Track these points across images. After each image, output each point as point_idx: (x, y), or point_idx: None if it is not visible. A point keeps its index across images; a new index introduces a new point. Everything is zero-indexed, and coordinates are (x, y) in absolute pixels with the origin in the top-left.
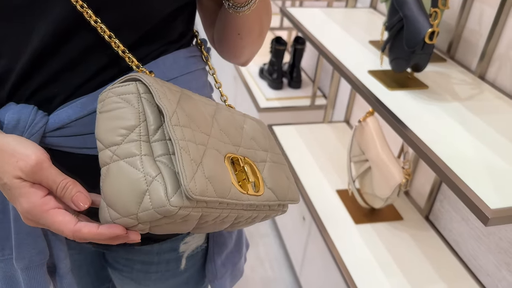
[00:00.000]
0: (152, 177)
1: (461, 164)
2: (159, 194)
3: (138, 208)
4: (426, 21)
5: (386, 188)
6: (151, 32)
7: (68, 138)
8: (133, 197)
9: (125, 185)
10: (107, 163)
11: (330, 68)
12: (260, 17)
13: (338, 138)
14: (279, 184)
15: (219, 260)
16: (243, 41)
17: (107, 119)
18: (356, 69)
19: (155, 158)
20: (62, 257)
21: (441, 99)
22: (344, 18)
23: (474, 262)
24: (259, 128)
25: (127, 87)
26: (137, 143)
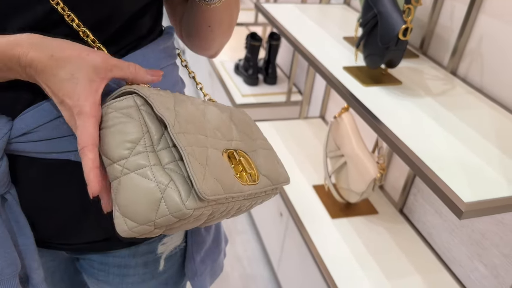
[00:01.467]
0: (165, 185)
1: (435, 158)
2: (175, 200)
3: (156, 215)
4: (400, 18)
5: (361, 183)
6: (120, 29)
7: (35, 143)
8: (150, 205)
9: (140, 196)
10: (117, 176)
11: (305, 64)
12: (231, 9)
13: (314, 134)
14: (272, 169)
15: (198, 257)
16: (214, 33)
17: (111, 134)
18: (331, 65)
19: (163, 166)
20: (35, 267)
21: (415, 94)
22: (318, 14)
23: (447, 254)
24: (244, 118)
25: (125, 101)
26: (144, 155)
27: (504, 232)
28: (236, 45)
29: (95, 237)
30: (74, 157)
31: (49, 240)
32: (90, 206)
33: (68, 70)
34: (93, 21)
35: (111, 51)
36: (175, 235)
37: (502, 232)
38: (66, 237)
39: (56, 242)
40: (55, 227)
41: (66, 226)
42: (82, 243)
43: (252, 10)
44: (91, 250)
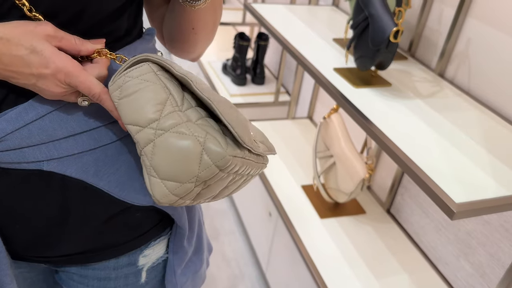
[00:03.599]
0: (203, 137)
1: (425, 159)
2: (216, 149)
3: (199, 168)
4: (391, 20)
5: (350, 183)
6: (93, 29)
7: (4, 153)
8: (192, 160)
9: (181, 153)
10: (151, 140)
11: (293, 64)
12: (215, 10)
13: (302, 134)
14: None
15: (179, 269)
16: (197, 35)
17: (136, 101)
18: (322, 66)
19: (195, 123)
20: (7, 281)
21: (404, 96)
22: (307, 15)
23: (433, 253)
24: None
25: (141, 68)
26: (174, 114)
27: (490, 231)
28: (223, 45)
29: (72, 250)
30: (45, 166)
31: (23, 253)
32: (65, 218)
33: (25, 45)
34: (61, 18)
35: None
36: (157, 247)
37: (488, 232)
38: (41, 250)
39: (31, 255)
40: (29, 239)
41: (40, 239)
42: (58, 256)
43: (240, 10)
44: (68, 263)
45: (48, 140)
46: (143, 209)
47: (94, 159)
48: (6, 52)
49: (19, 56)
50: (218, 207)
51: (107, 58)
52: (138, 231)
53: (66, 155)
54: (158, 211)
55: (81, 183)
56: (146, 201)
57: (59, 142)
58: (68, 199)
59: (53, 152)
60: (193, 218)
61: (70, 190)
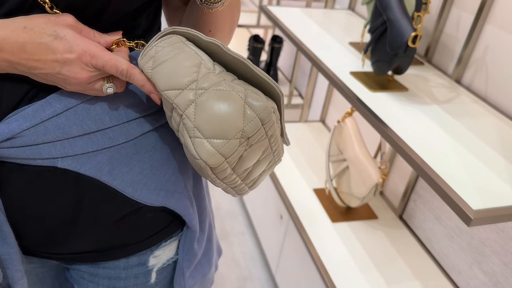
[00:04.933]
0: (244, 92)
1: (442, 165)
2: (258, 101)
3: (243, 121)
4: (410, 25)
5: (363, 188)
6: (115, 28)
7: (19, 148)
8: (236, 113)
9: (225, 108)
10: (192, 100)
11: (307, 67)
12: (232, 12)
13: (314, 138)
14: None
15: (188, 272)
16: (214, 37)
17: (173, 65)
18: (338, 69)
19: (232, 82)
20: (18, 277)
21: (421, 101)
22: (323, 18)
23: (446, 260)
24: None
25: (171, 39)
26: (211, 74)
27: (504, 240)
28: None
29: (83, 248)
30: (60, 163)
31: (35, 249)
32: (77, 216)
33: (48, 32)
34: (81, 16)
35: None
36: (167, 248)
37: (502, 240)
38: (52, 246)
39: (42, 251)
40: (41, 236)
41: (52, 236)
42: (69, 254)
43: (255, 12)
44: (79, 260)
45: (64, 138)
46: (155, 210)
47: (108, 158)
48: (30, 41)
49: (43, 43)
50: (228, 209)
51: (126, 46)
52: (149, 231)
53: (80, 153)
54: (169, 212)
55: (94, 181)
56: (159, 202)
57: (74, 140)
58: (81, 197)
59: (68, 149)
60: (204, 220)
61: (83, 188)
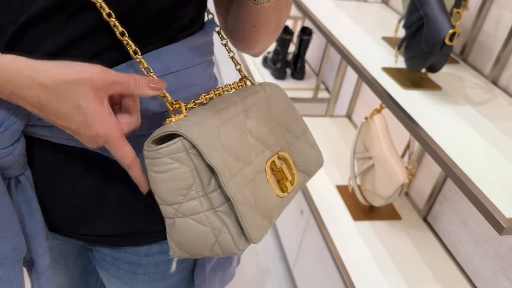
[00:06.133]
0: (219, 230)
1: (475, 169)
2: (229, 244)
3: (209, 253)
4: (448, 22)
5: (388, 187)
6: (163, 15)
7: (52, 128)
8: (204, 246)
9: (196, 238)
10: (171, 217)
11: (335, 61)
12: (280, 10)
13: (339, 133)
14: (308, 160)
15: (209, 266)
16: (259, 34)
17: (164, 181)
18: (369, 64)
19: (215, 210)
20: (41, 253)
21: (454, 101)
22: (355, 11)
23: (470, 267)
24: (280, 102)
25: (174, 146)
26: (197, 200)
27: None
28: None
29: (107, 231)
30: None
31: (60, 227)
32: (105, 199)
33: (71, 101)
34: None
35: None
36: None
37: None
38: (77, 226)
39: (67, 230)
40: (65, 215)
41: (77, 216)
42: (93, 235)
43: None
44: (102, 243)
45: None
46: None
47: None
48: (50, 105)
49: (62, 113)
50: None
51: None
52: None
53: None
54: None
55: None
56: None
57: None
58: (109, 181)
59: None
60: None
61: (112, 172)
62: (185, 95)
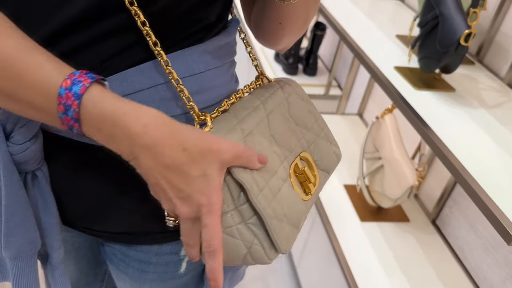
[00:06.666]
0: (251, 243)
1: (486, 175)
2: (260, 255)
3: (241, 262)
4: (464, 22)
5: (397, 189)
6: (183, 17)
7: None
8: (236, 257)
9: (228, 250)
10: None
11: (349, 58)
12: (307, 8)
13: (350, 131)
14: (328, 158)
15: None
16: (284, 30)
17: None
18: (381, 63)
19: (246, 223)
20: (56, 247)
21: (468, 104)
22: (370, 7)
23: (478, 273)
24: (299, 100)
25: None
26: (228, 215)
27: None
28: None
29: (119, 229)
30: None
31: (74, 222)
32: (120, 199)
33: (200, 166)
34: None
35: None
36: None
37: None
38: (89, 222)
39: (80, 225)
40: (80, 211)
41: (91, 213)
42: (105, 232)
43: None
44: (114, 240)
45: None
46: None
47: None
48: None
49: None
50: None
51: None
52: None
53: None
54: None
55: None
56: None
57: None
58: (124, 181)
59: None
60: None
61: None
62: (208, 97)
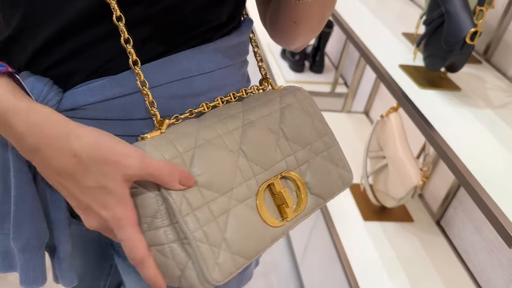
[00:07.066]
0: (184, 265)
1: (489, 177)
2: (193, 279)
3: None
4: (470, 20)
5: (401, 188)
6: (192, 17)
7: (81, 120)
8: (172, 278)
9: (162, 270)
10: None
11: (355, 56)
12: (323, 7)
13: (355, 130)
14: (326, 181)
15: None
16: (299, 29)
17: None
18: (386, 61)
19: (182, 242)
20: (64, 241)
21: (473, 103)
22: (377, 5)
23: (481, 274)
24: (300, 114)
25: None
26: (161, 230)
27: None
28: None
29: None
30: None
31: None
32: None
33: (95, 177)
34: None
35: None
36: None
37: None
38: None
39: None
40: None
41: None
42: None
43: None
44: None
45: (126, 118)
46: None
47: None
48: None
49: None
50: None
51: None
52: None
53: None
54: None
55: None
56: None
57: (135, 122)
58: None
59: (128, 130)
60: None
61: None
62: (218, 95)
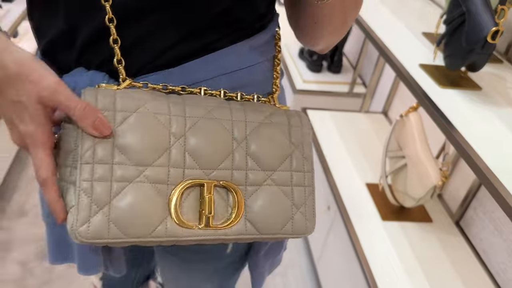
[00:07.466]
0: (69, 208)
1: (509, 175)
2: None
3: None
4: (491, 19)
5: (420, 188)
6: (219, 17)
7: None
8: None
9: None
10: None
11: (374, 55)
12: (345, 7)
13: (374, 130)
14: (271, 216)
15: (263, 250)
16: (321, 31)
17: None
18: (406, 60)
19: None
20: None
21: (494, 103)
22: (397, 4)
23: (502, 276)
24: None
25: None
26: (68, 169)
27: None
28: None
29: None
30: None
31: None
32: None
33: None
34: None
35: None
36: None
37: None
38: None
39: None
40: None
41: None
42: None
43: None
44: None
45: None
46: None
47: None
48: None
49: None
50: None
51: None
52: None
53: None
54: None
55: None
56: None
57: None
58: None
59: None
60: None
61: None
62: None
